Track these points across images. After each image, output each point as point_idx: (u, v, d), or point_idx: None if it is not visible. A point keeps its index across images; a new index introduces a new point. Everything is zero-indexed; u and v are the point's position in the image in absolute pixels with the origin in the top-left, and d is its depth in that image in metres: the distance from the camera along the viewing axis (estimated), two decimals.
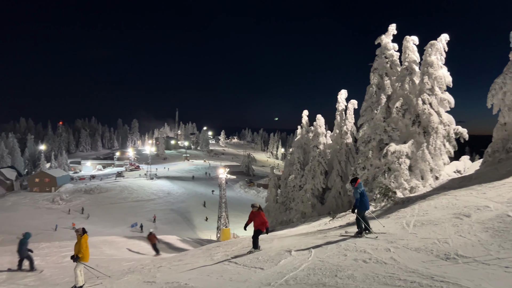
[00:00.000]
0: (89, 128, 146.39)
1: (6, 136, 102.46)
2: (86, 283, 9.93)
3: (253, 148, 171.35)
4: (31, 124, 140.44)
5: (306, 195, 25.95)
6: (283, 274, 6.91)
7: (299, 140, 29.84)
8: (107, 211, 56.84)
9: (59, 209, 59.88)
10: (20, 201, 65.60)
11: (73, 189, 70.76)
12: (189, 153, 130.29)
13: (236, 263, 9.00)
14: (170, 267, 10.82)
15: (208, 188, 73.46)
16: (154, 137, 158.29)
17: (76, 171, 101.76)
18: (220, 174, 43.77)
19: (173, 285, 7.38)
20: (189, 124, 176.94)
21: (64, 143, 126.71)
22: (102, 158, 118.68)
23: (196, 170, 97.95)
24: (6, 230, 47.68)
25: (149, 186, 71.45)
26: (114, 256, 17.87)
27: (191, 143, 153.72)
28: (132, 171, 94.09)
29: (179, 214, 55.80)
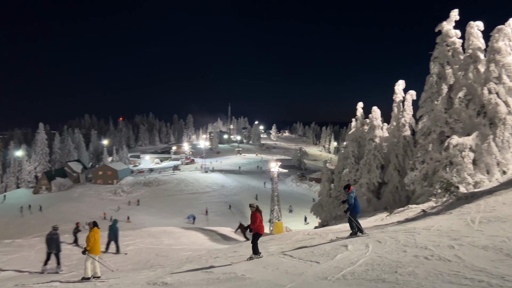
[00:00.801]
0: (147, 123, 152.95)
1: (72, 131, 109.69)
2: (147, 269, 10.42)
3: (305, 142, 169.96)
4: (95, 120, 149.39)
5: (361, 190, 25.30)
6: (340, 268, 6.81)
7: (353, 133, 29.11)
8: (165, 203, 59.25)
9: (120, 200, 63.34)
10: (85, 192, 70.25)
11: (133, 182, 74.43)
12: (241, 147, 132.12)
13: (291, 256, 9.01)
14: (226, 258, 11.06)
15: (260, 182, 74.09)
16: (208, 132, 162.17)
17: (136, 164, 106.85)
18: (272, 168, 43.91)
19: (230, 275, 7.54)
20: (241, 118, 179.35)
21: (125, 138, 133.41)
22: (160, 152, 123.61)
23: (248, 163, 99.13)
24: (73, 219, 51.27)
25: (204, 179, 73.41)
26: (173, 246, 18.60)
27: (243, 137, 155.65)
28: (187, 164, 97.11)
29: (233, 206, 56.81)
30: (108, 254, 15.59)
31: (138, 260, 14.72)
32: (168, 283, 7.39)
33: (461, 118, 18.84)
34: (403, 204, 21.30)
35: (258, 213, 9.60)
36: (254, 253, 9.48)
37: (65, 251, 14.42)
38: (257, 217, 9.52)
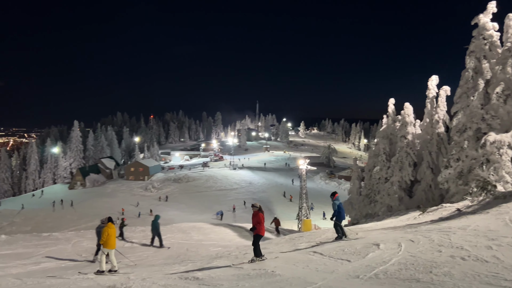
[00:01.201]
0: (177, 121, 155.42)
1: (105, 129, 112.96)
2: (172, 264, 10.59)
3: (334, 139, 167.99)
4: (127, 118, 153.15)
5: (393, 188, 24.75)
6: (372, 267, 6.71)
7: (384, 130, 28.49)
8: (194, 199, 60.10)
9: (151, 196, 64.79)
10: (118, 188, 72.23)
11: (164, 178, 75.86)
12: (269, 144, 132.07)
13: (322, 253, 8.95)
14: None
15: (288, 179, 73.84)
16: (236, 129, 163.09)
17: (166, 161, 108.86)
18: (300, 165, 43.68)
19: (260, 272, 7.56)
20: (269, 115, 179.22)
21: (155, 135, 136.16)
22: (189, 149, 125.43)
23: (276, 161, 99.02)
24: (107, 214, 52.90)
25: (232, 176, 73.92)
26: (202, 242, 18.85)
27: (271, 134, 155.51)
28: (216, 161, 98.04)
29: (261, 203, 56.14)
30: (153, 248, 16.16)
31: (169, 255, 15.01)
32: (199, 278, 7.49)
33: (498, 114, 18.08)
34: (436, 203, 20.72)
35: (261, 214, 9.35)
36: (256, 255, 9.17)
37: None
38: (260, 217, 9.25)
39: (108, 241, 9.83)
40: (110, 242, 9.86)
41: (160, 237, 16.65)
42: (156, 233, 16.61)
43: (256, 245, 9.22)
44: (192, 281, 7.34)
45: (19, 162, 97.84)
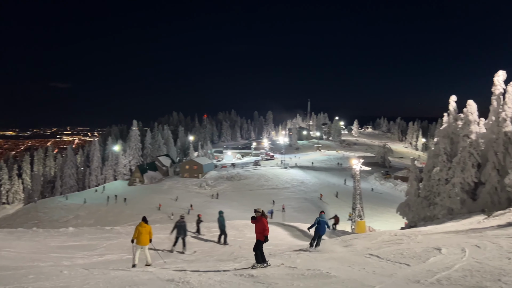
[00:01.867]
0: (229, 120, 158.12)
1: (162, 128, 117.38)
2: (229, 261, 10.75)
3: (389, 138, 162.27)
4: (182, 117, 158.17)
5: (454, 190, 23.39)
6: (433, 272, 6.41)
7: (445, 129, 26.99)
8: (246, 197, 60.80)
9: (205, 193, 66.42)
10: (174, 185, 74.80)
11: (217, 176, 77.44)
12: (321, 143, 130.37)
13: (378, 256, 8.69)
14: (309, 254, 11.02)
15: (340, 179, 72.43)
16: (287, 128, 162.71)
17: (219, 159, 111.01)
18: (354, 165, 42.63)
19: (315, 272, 7.49)
20: (321, 114, 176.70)
21: (209, 134, 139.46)
22: (241, 148, 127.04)
23: (328, 160, 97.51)
24: (164, 210, 55.11)
25: (283, 175, 73.83)
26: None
27: (323, 133, 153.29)
28: (267, 160, 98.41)
29: (313, 203, 56.42)
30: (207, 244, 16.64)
31: (223, 252, 15.30)
32: (254, 275, 7.56)
33: None
34: (503, 207, 19.35)
35: (264, 219, 9.21)
36: (257, 262, 8.94)
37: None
38: (263, 223, 9.11)
39: (139, 238, 10.45)
40: (141, 239, 10.47)
41: (225, 233, 17.09)
42: (221, 229, 17.10)
43: (257, 250, 9.03)
44: (246, 278, 7.42)
45: (83, 159, 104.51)
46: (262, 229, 9.04)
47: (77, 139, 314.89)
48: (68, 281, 6.72)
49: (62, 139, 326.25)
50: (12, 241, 15.80)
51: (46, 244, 15.59)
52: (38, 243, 15.61)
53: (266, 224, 9.15)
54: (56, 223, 52.16)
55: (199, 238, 18.09)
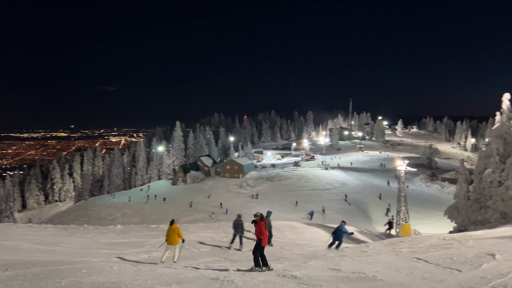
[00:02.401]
0: (269, 120, 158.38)
1: (204, 129, 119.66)
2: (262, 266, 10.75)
3: (436, 138, 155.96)
4: (222, 118, 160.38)
5: (508, 193, 22.09)
6: (488, 279, 6.10)
7: (498, 129, 25.54)
8: (286, 197, 60.62)
9: (245, 193, 66.90)
10: (215, 185, 75.94)
11: (257, 176, 77.79)
12: (363, 144, 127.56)
13: (427, 261, 8.39)
14: (353, 257, 10.82)
15: (384, 180, 70.45)
16: (328, 128, 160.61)
17: (259, 160, 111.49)
18: (399, 166, 41.35)
19: (360, 275, 7.35)
20: (363, 114, 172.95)
21: (249, 135, 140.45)
22: (281, 148, 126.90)
23: (371, 161, 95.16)
24: (205, 209, 56.08)
25: (324, 176, 72.92)
26: (296, 241, 18.94)
27: (365, 134, 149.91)
28: (307, 161, 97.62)
29: (354, 205, 55.31)
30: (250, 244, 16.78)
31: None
32: (297, 276, 7.54)
33: None
34: None
35: (262, 222, 9.18)
36: (256, 265, 8.85)
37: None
38: (259, 226, 9.12)
39: (169, 239, 11.39)
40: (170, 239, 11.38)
41: (270, 233, 16.84)
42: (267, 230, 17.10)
43: (256, 254, 9.00)
44: (290, 279, 7.41)
45: (129, 159, 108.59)
46: (259, 232, 9.13)
47: (123, 139, 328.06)
48: (119, 276, 7.00)
49: (109, 140, 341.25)
50: (66, 237, 16.71)
51: (96, 240, 16.35)
52: (89, 240, 16.40)
53: (263, 228, 9.18)
54: (104, 221, 54.54)
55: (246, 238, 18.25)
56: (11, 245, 13.58)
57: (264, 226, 9.25)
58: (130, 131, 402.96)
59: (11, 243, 13.94)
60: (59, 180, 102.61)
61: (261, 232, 9.12)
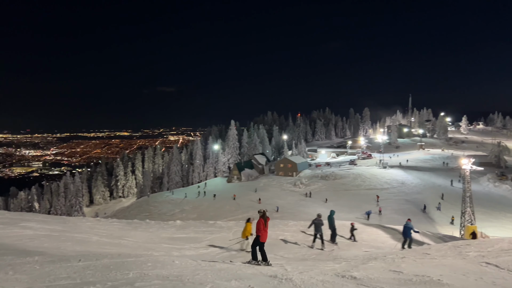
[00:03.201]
0: (323, 118, 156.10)
1: (257, 127, 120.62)
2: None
3: (505, 135, 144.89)
4: (276, 117, 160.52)
5: None
6: None
7: None
8: (342, 197, 59.49)
9: (299, 192, 66.57)
10: (269, 183, 76.36)
11: (311, 175, 77.09)
12: (424, 141, 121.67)
13: (497, 266, 7.86)
14: (415, 259, 10.38)
15: (446, 180, 66.71)
16: (385, 125, 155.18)
17: (313, 158, 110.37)
18: (463, 165, 38.95)
19: (424, 278, 7.04)
20: (424, 110, 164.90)
21: (302, 133, 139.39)
22: (336, 147, 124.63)
23: (433, 159, 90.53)
24: (259, 207, 56.59)
25: (382, 175, 70.57)
26: (354, 241, 18.53)
27: (426, 131, 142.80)
28: (364, 159, 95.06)
29: (415, 205, 52.97)
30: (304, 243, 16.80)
31: (320, 251, 15.20)
32: (357, 277, 7.37)
33: None
34: None
35: (261, 219, 9.49)
36: (253, 258, 9.21)
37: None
38: (257, 223, 9.51)
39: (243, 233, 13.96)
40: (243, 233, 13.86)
41: (334, 233, 17.28)
42: (332, 229, 17.31)
43: (254, 248, 9.56)
44: (349, 280, 7.27)
45: (187, 157, 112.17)
46: (257, 229, 9.60)
47: (181, 138, 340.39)
48: (180, 270, 7.27)
49: (168, 139, 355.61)
50: (130, 231, 17.66)
51: (158, 235, 17.11)
52: (151, 234, 17.21)
53: (261, 225, 9.55)
54: (164, 216, 56.94)
55: (296, 238, 18.17)
56: (82, 237, 14.61)
57: (263, 223, 9.59)
58: (188, 130, 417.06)
59: (81, 235, 15.00)
60: (123, 177, 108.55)
61: (258, 229, 9.55)
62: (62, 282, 5.71)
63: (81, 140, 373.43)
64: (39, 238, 13.05)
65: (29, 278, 5.93)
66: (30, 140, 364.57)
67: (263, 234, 9.54)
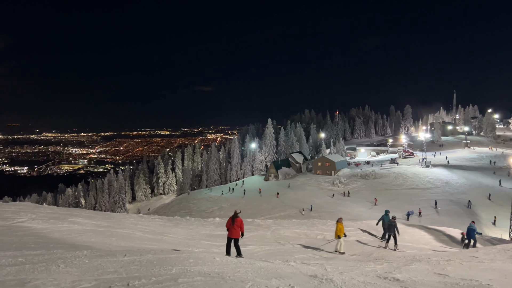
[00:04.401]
0: (362, 116, 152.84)
1: (295, 126, 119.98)
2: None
3: None
4: (313, 115, 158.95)
5: None
6: None
7: None
8: (382, 196, 58.03)
9: (337, 191, 65.59)
10: (306, 181, 75.80)
11: (350, 174, 75.75)
12: (469, 140, 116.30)
13: None
14: (462, 262, 9.97)
15: (495, 180, 63.45)
16: (428, 123, 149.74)
17: (352, 156, 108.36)
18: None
19: (472, 283, 6.75)
20: (469, 107, 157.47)
21: (341, 131, 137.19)
22: (376, 145, 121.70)
23: (479, 158, 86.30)
24: (297, 206, 56.27)
25: (425, 174, 68.20)
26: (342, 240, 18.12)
27: (472, 128, 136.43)
28: (405, 158, 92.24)
29: (460, 206, 50.81)
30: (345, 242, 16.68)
31: (361, 251, 14.94)
32: (400, 279, 7.19)
33: None
34: None
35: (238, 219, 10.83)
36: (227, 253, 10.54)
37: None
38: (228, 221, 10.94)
39: (336, 233, 14.53)
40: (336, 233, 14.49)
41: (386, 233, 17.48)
42: (384, 228, 17.76)
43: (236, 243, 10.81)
44: (392, 281, 7.10)
45: (225, 156, 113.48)
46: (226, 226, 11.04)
47: (219, 137, 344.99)
48: (221, 267, 7.39)
49: (206, 137, 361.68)
50: (171, 227, 18.12)
51: (198, 232, 17.45)
52: (191, 231, 17.57)
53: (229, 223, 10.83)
54: (203, 213, 57.97)
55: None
56: (126, 233, 15.16)
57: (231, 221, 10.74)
58: (225, 129, 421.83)
59: (125, 231, 15.57)
60: (163, 174, 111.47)
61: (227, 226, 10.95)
62: (110, 276, 5.96)
63: (124, 138, 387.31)
64: (86, 233, 13.68)
65: (79, 271, 6.22)
66: (77, 139, 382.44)
67: (231, 231, 10.76)
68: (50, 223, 14.60)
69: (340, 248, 14.40)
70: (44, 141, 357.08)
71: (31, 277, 5.57)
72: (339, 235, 14.45)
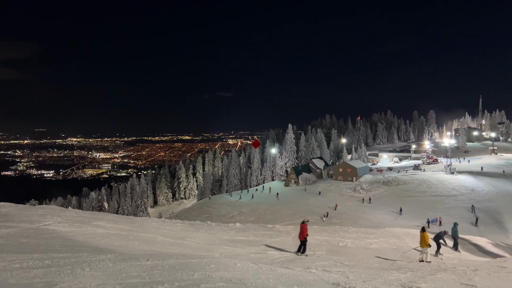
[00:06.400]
0: (385, 121, 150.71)
1: (315, 131, 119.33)
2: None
3: None
4: (334, 120, 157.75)
5: None
6: None
7: None
8: (405, 203, 56.87)
9: (359, 197, 64.70)
10: (327, 187, 75.08)
11: (372, 180, 74.62)
12: (496, 146, 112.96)
13: None
14: (489, 272, 9.66)
15: None
16: (453, 128, 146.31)
17: (374, 162, 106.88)
18: None
19: None
20: (496, 112, 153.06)
21: (363, 136, 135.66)
22: (398, 151, 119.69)
23: (507, 165, 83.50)
24: (317, 212, 55.77)
25: (449, 181, 66.54)
26: (418, 249, 17.66)
27: (499, 134, 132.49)
28: (429, 164, 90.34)
29: (486, 214, 49.27)
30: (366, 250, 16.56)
31: (383, 260, 14.67)
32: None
33: None
34: None
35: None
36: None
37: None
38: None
39: (421, 243, 14.53)
40: (421, 243, 14.50)
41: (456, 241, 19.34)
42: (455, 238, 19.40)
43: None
44: None
45: (245, 161, 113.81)
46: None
47: (239, 142, 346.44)
48: (242, 273, 7.38)
49: (227, 142, 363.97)
50: (192, 232, 18.25)
51: (219, 237, 17.51)
52: (212, 236, 17.65)
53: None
54: (224, 218, 58.13)
55: (356, 244, 17.70)
56: (148, 237, 15.34)
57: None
58: (246, 134, 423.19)
59: (148, 235, 15.76)
60: (185, 179, 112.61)
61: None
62: (133, 280, 6.04)
63: (146, 143, 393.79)
64: (109, 237, 13.91)
65: (103, 275, 6.34)
66: (101, 143, 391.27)
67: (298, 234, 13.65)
68: (75, 226, 14.93)
69: (426, 258, 14.23)
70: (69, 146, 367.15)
71: (58, 280, 5.71)
72: (428, 244, 14.44)
